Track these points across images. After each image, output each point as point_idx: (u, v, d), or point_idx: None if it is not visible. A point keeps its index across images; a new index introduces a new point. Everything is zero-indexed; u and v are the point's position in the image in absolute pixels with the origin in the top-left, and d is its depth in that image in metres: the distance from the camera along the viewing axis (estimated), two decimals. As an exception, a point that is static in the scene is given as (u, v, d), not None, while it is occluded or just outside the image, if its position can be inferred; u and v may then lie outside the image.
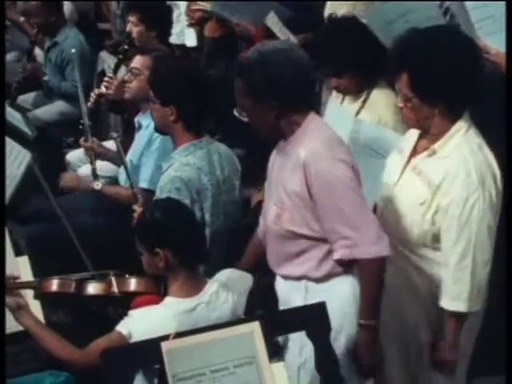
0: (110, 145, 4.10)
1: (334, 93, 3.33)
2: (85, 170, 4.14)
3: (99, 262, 2.97)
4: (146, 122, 3.55)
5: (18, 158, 3.54)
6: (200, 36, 4.99)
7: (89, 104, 4.13)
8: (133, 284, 2.59)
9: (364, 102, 3.17)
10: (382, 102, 3.12)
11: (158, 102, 2.96)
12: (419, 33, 2.43)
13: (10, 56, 6.33)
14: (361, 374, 2.49)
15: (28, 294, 2.56)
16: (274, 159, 2.59)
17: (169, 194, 2.85)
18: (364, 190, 2.45)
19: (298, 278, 2.51)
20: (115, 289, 2.57)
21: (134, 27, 4.45)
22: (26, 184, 3.35)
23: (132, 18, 4.47)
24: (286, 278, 2.56)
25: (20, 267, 2.75)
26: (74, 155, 4.40)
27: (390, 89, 3.05)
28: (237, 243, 2.96)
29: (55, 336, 2.37)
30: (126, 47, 4.33)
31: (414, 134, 2.57)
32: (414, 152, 2.55)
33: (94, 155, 3.84)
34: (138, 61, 3.65)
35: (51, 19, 5.20)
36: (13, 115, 4.28)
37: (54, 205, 3.17)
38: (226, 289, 2.51)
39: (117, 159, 3.86)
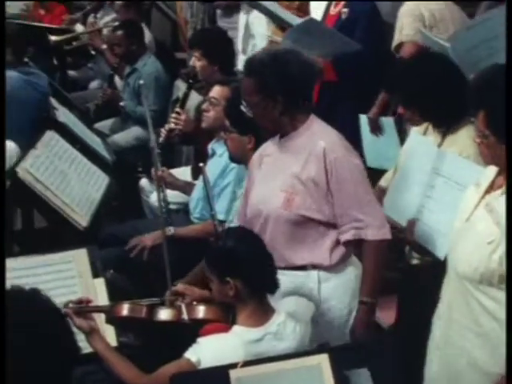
0: (179, 173, 4.17)
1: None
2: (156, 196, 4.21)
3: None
4: (220, 149, 3.59)
5: (98, 182, 3.62)
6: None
7: (160, 140, 4.20)
8: (202, 311, 2.60)
9: (445, 134, 3.15)
10: (463, 135, 3.06)
11: (235, 131, 3.00)
12: (499, 69, 2.38)
13: (93, 84, 6.54)
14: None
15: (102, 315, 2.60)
16: (264, 153, 2.77)
17: (241, 220, 2.87)
18: (445, 221, 2.52)
19: (307, 268, 2.66)
20: (185, 316, 2.57)
21: (197, 61, 4.49)
22: (103, 207, 3.41)
23: (195, 53, 4.52)
24: (291, 267, 2.66)
25: (96, 289, 2.80)
26: (147, 181, 4.47)
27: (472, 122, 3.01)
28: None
29: (124, 360, 2.39)
30: (190, 81, 4.43)
31: (493, 169, 2.50)
32: (490, 188, 2.49)
33: (164, 184, 3.90)
34: (216, 91, 3.71)
35: (133, 48, 5.38)
36: (93, 140, 4.37)
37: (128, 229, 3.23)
38: (293, 319, 2.50)
39: (186, 188, 3.91)
